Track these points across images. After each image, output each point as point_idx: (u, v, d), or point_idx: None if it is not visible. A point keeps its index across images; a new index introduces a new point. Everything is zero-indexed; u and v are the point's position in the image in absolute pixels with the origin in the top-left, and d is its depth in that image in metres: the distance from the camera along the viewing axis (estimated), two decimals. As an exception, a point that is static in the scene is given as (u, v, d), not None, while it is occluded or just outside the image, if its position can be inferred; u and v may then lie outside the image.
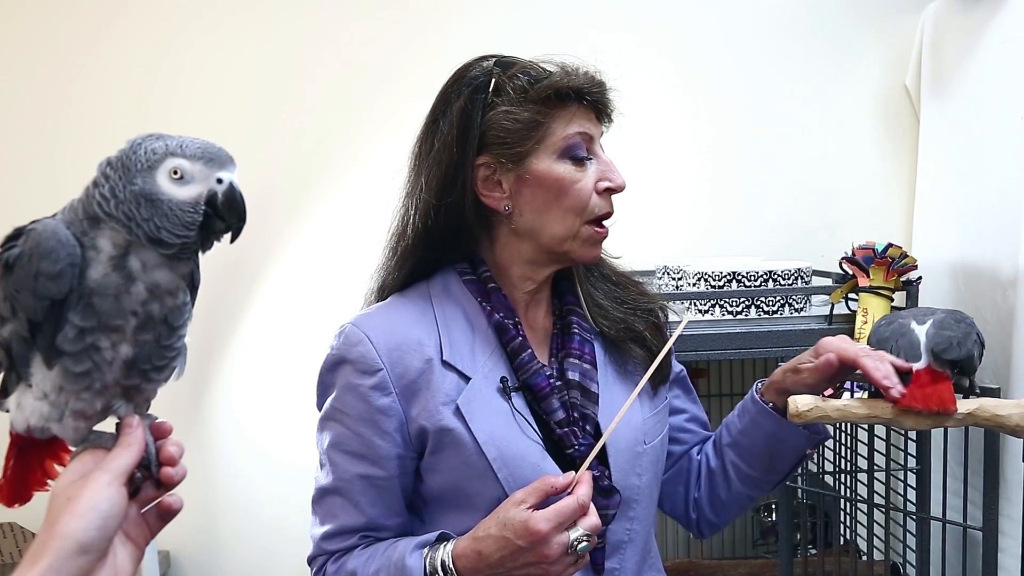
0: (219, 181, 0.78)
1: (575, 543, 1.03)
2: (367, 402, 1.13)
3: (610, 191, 1.16)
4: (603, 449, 1.16)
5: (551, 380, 1.17)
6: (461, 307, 1.18)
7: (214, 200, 0.78)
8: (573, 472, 1.07)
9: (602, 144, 1.20)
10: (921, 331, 1.18)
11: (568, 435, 1.15)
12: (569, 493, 1.05)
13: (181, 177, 0.77)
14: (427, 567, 1.07)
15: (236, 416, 2.21)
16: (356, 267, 1.30)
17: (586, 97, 1.14)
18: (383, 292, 1.23)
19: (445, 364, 1.13)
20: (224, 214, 0.79)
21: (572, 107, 1.14)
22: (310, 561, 1.20)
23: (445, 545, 1.08)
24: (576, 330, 1.21)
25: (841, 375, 1.18)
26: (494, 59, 1.18)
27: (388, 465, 1.14)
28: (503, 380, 1.14)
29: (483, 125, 1.14)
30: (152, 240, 0.76)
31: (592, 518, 1.05)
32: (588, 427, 1.16)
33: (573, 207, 1.14)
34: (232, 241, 0.81)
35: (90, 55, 2.17)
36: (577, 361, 1.19)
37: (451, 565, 1.06)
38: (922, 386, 1.12)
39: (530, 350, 1.17)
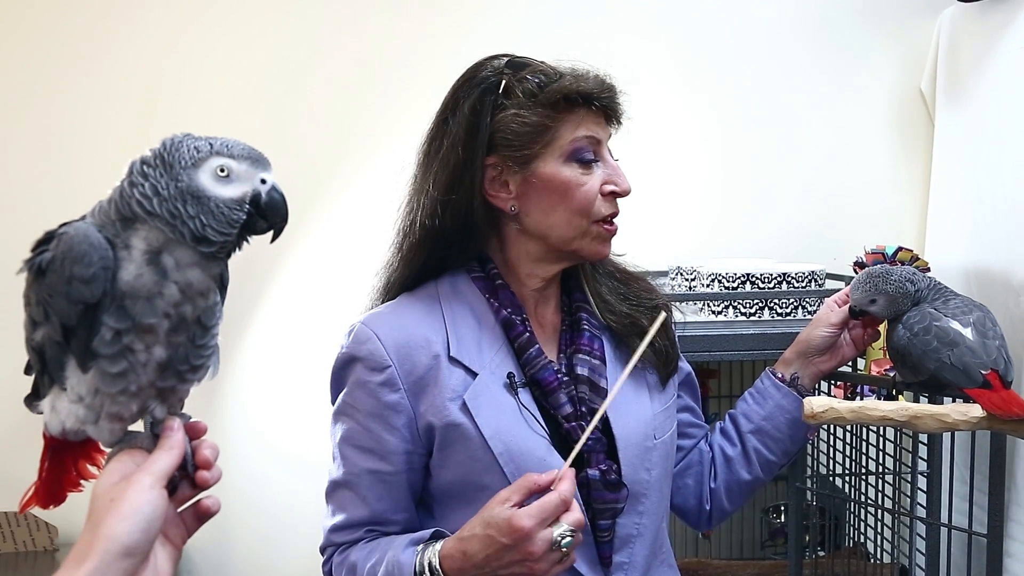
0: (263, 182, 0.80)
1: (559, 539, 1.02)
2: (376, 398, 1.15)
3: (614, 195, 1.18)
4: (612, 444, 1.18)
5: (559, 375, 1.18)
6: (469, 304, 1.20)
7: (257, 199, 0.80)
8: (556, 470, 1.07)
9: (610, 147, 1.21)
10: (976, 342, 1.20)
11: (575, 429, 1.16)
12: (552, 490, 1.05)
13: (227, 176, 0.78)
14: (417, 565, 1.08)
15: (247, 410, 2.22)
16: (367, 264, 1.31)
17: (595, 102, 1.16)
18: (388, 290, 1.25)
19: (452, 360, 1.15)
20: (267, 214, 0.81)
21: (581, 111, 1.16)
22: (321, 551, 1.23)
23: (434, 544, 1.09)
24: (586, 326, 1.23)
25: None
26: (506, 59, 1.19)
27: (396, 460, 1.16)
28: (510, 376, 1.16)
29: (492, 126, 1.15)
30: (196, 238, 0.77)
31: (575, 514, 1.04)
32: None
33: (579, 209, 1.16)
34: (273, 241, 0.84)
35: (95, 55, 2.16)
36: (587, 357, 1.20)
37: (438, 566, 1.07)
38: (999, 391, 1.17)
39: (537, 345, 1.18)
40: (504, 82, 1.16)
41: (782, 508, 2.08)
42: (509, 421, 1.14)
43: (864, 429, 1.74)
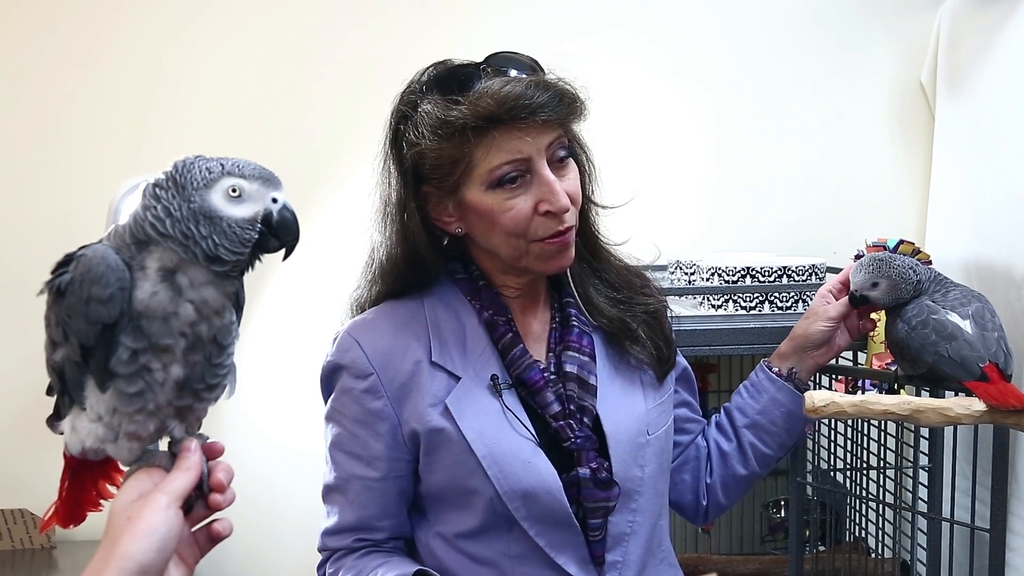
0: (274, 201, 0.82)
1: None
2: (361, 405, 1.16)
3: (550, 214, 1.11)
4: (603, 441, 1.17)
5: (545, 374, 1.17)
6: (453, 307, 1.19)
7: (269, 219, 0.81)
8: None
9: (565, 143, 1.12)
10: (975, 335, 1.20)
11: (564, 428, 1.15)
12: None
13: (239, 196, 0.80)
14: None
15: (244, 406, 2.21)
16: (363, 263, 1.30)
17: (501, 122, 1.07)
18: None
19: (434, 365, 1.15)
20: (279, 232, 0.82)
21: (493, 133, 1.07)
22: (319, 551, 1.23)
23: None
24: (575, 323, 1.22)
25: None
26: (420, 85, 1.14)
27: (381, 466, 1.16)
28: (493, 377, 1.15)
29: (412, 159, 1.13)
30: (209, 258, 0.78)
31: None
32: (586, 419, 1.17)
33: (512, 232, 1.11)
34: (284, 259, 0.85)
35: (91, 53, 2.13)
36: (575, 354, 1.19)
37: None
38: (997, 383, 1.16)
39: (521, 345, 1.17)
40: (411, 116, 1.13)
41: (782, 503, 2.07)
42: (493, 424, 1.13)
43: (865, 423, 1.74)
